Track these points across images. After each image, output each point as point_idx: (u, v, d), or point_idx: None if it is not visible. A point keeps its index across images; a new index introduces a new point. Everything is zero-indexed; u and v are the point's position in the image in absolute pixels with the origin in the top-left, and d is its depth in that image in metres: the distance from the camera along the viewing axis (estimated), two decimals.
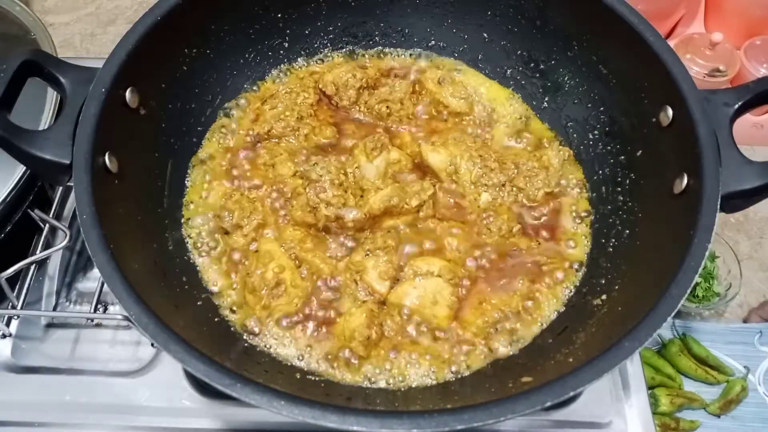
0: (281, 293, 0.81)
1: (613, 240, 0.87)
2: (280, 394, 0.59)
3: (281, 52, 1.04)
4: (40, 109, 0.96)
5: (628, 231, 0.85)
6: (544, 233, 0.90)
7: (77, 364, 0.92)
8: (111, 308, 0.96)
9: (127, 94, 0.79)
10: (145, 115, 0.83)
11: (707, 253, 0.67)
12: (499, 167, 0.93)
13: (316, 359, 0.79)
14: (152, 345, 0.92)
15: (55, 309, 0.96)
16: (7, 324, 0.93)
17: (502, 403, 0.60)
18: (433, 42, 1.07)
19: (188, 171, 0.93)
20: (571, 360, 0.70)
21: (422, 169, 0.94)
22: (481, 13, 1.02)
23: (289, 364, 0.79)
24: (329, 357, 0.79)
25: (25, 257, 0.91)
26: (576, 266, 0.87)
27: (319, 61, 1.06)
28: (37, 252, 0.95)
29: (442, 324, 0.81)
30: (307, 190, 0.88)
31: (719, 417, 1.23)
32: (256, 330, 0.81)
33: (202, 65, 0.93)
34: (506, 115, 1.01)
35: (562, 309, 0.85)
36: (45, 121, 0.95)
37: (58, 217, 1.01)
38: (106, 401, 0.88)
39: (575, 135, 0.97)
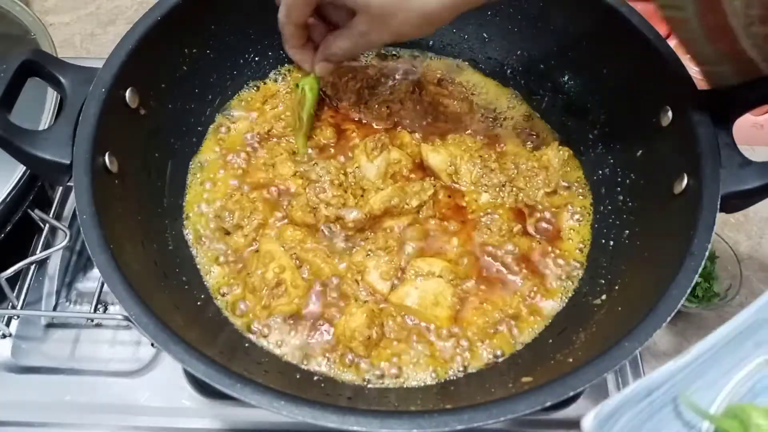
0: (282, 293, 0.81)
1: (613, 240, 0.87)
2: (280, 394, 0.59)
3: (281, 51, 1.03)
4: (40, 109, 0.96)
5: (628, 231, 0.85)
6: (544, 233, 0.90)
7: (77, 364, 0.92)
8: (111, 308, 0.96)
9: (127, 94, 0.79)
10: (145, 115, 0.83)
11: (707, 253, 0.67)
12: (499, 167, 0.93)
13: (317, 359, 0.79)
14: (152, 345, 0.92)
15: (55, 309, 0.96)
16: (7, 324, 0.93)
17: (502, 403, 0.60)
18: (433, 42, 1.07)
19: (188, 171, 0.93)
20: (571, 360, 0.70)
21: (422, 169, 0.94)
22: (481, 13, 1.02)
23: (289, 363, 0.79)
24: (329, 357, 0.79)
25: (25, 257, 0.91)
26: (576, 266, 0.88)
27: None
28: (37, 252, 0.95)
29: (442, 324, 0.81)
30: (307, 190, 0.88)
31: None
32: (257, 330, 0.81)
33: (202, 65, 0.93)
34: (506, 115, 1.01)
35: (562, 309, 0.85)
36: (45, 121, 0.95)
37: (58, 217, 1.01)
38: (106, 401, 0.88)
39: (575, 135, 0.97)
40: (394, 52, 1.07)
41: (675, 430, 0.56)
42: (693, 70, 1.18)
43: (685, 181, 0.75)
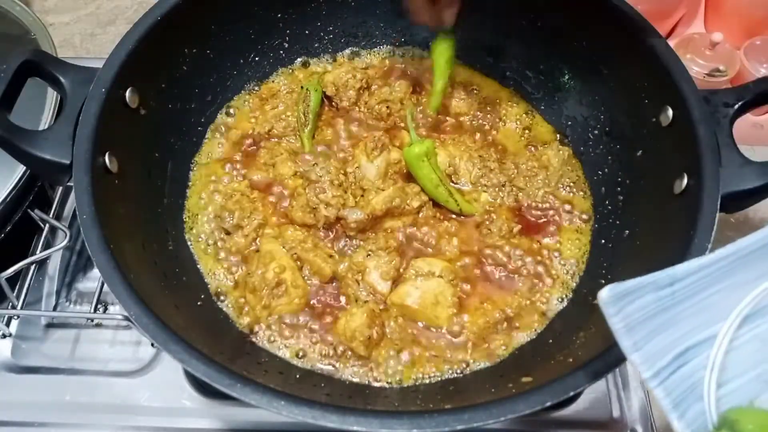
0: (282, 293, 0.81)
1: (613, 240, 0.87)
2: (280, 394, 0.59)
3: (281, 52, 1.04)
4: (40, 109, 0.96)
5: (628, 231, 0.85)
6: (544, 233, 0.90)
7: (77, 364, 0.92)
8: (111, 308, 0.96)
9: (127, 94, 0.79)
10: (145, 115, 0.83)
11: (707, 253, 0.67)
12: (499, 167, 0.93)
13: (317, 359, 0.79)
14: (152, 345, 0.92)
15: (55, 309, 0.96)
16: (7, 324, 0.93)
17: (502, 403, 0.60)
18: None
19: (188, 171, 0.93)
20: (571, 360, 0.70)
21: None
22: (481, 13, 1.02)
23: (289, 363, 0.79)
24: (330, 357, 0.79)
25: (25, 257, 0.91)
26: (576, 266, 0.88)
27: (319, 62, 1.06)
28: (37, 252, 0.94)
29: (443, 324, 0.81)
30: (307, 190, 0.88)
31: None
32: (257, 330, 0.81)
33: (202, 65, 0.93)
34: (506, 115, 1.01)
35: (562, 309, 0.85)
36: (45, 121, 0.95)
37: (58, 217, 1.01)
38: (106, 401, 0.88)
39: (575, 135, 0.97)
40: (394, 52, 1.07)
41: (693, 326, 0.55)
42: (693, 70, 1.18)
43: (685, 180, 0.75)
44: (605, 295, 0.53)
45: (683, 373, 0.54)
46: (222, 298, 0.84)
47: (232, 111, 0.99)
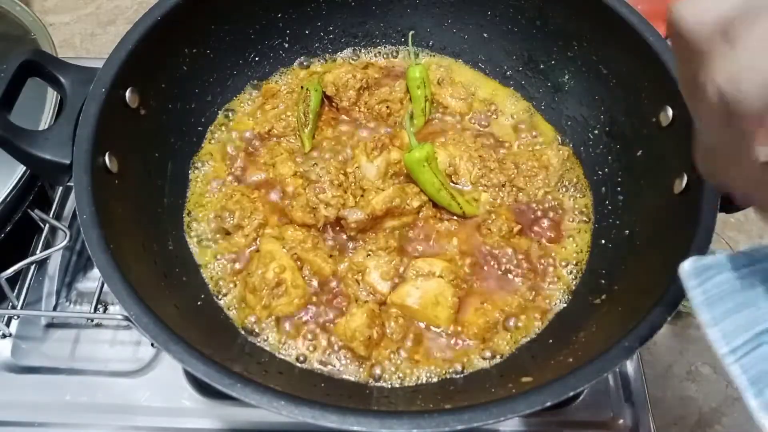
0: (282, 293, 0.81)
1: (613, 240, 0.87)
2: (280, 394, 0.59)
3: (281, 52, 1.04)
4: (40, 109, 0.96)
5: (628, 231, 0.85)
6: (544, 233, 0.90)
7: (77, 364, 0.92)
8: (111, 308, 0.96)
9: (127, 94, 0.79)
10: (145, 114, 0.83)
11: (707, 254, 0.67)
12: (499, 167, 0.93)
13: (317, 359, 0.80)
14: (152, 345, 0.92)
15: (55, 309, 0.96)
16: (7, 324, 0.94)
17: (502, 403, 0.60)
18: (433, 42, 1.07)
19: (188, 171, 0.93)
20: (571, 360, 0.70)
21: None
22: (481, 13, 1.02)
23: (289, 364, 0.79)
24: (330, 357, 0.79)
25: (25, 257, 0.91)
26: (576, 266, 0.88)
27: (319, 62, 1.06)
28: (37, 252, 0.95)
29: (443, 324, 0.81)
30: (307, 190, 0.88)
31: None
32: (256, 330, 0.81)
33: (202, 65, 0.93)
34: (506, 115, 1.01)
35: (562, 309, 0.85)
36: (45, 121, 0.95)
37: (58, 217, 1.01)
38: (106, 401, 0.88)
39: (575, 135, 0.97)
40: (394, 52, 1.07)
41: None
42: None
43: (685, 180, 0.75)
44: (687, 266, 0.52)
45: (763, 352, 0.51)
46: (222, 298, 0.84)
47: (232, 111, 0.99)
